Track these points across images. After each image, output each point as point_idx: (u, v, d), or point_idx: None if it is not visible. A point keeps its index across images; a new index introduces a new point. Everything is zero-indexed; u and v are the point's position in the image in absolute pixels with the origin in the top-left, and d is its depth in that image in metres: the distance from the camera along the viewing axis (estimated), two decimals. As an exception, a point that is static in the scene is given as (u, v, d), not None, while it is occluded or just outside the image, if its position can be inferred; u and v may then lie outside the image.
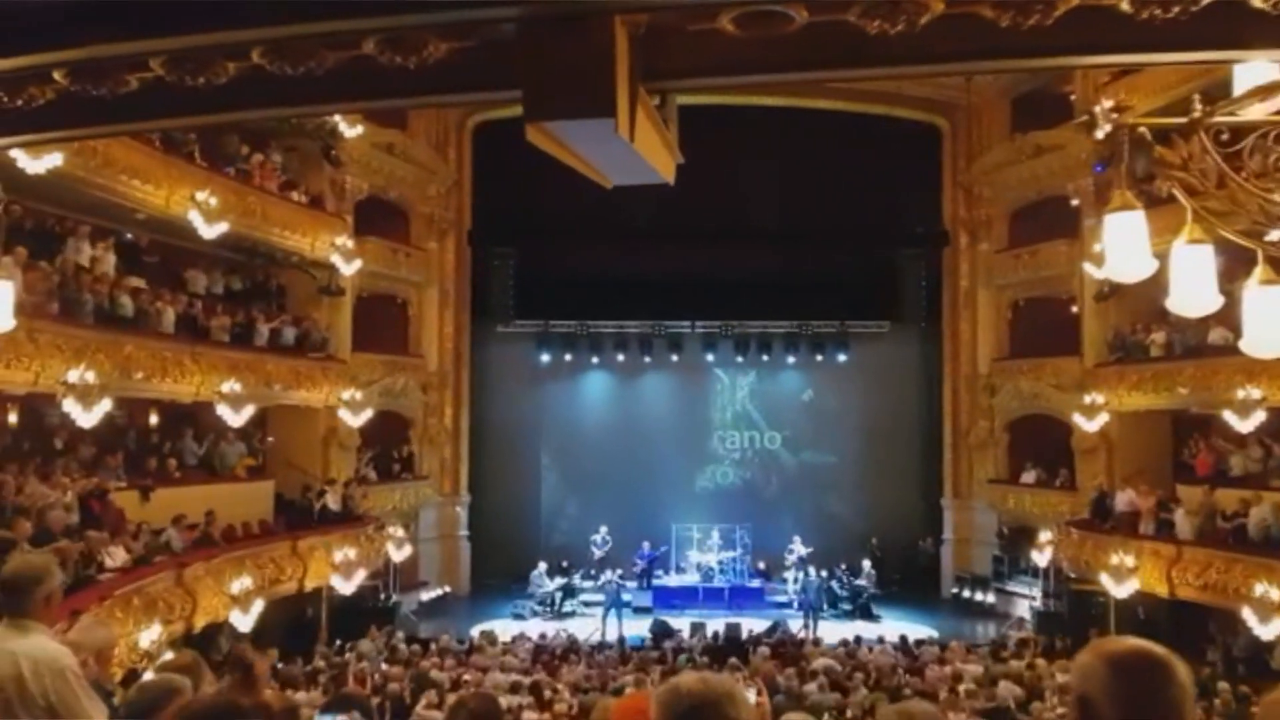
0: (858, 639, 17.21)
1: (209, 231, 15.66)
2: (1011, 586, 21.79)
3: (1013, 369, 22.77)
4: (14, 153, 10.73)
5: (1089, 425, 19.18)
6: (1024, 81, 21.50)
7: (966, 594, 22.62)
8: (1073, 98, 20.15)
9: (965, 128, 23.69)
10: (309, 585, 17.39)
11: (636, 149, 2.88)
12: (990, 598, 22.09)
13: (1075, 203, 20.67)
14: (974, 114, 23.43)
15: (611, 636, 18.74)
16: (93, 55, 2.87)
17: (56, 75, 3.04)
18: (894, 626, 19.47)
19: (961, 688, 12.62)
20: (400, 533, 19.96)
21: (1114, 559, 16.69)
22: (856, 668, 14.09)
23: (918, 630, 19.12)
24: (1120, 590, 16.59)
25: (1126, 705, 2.01)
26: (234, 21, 2.73)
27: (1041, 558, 19.68)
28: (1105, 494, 18.73)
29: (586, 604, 21.50)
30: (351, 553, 17.49)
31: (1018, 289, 22.79)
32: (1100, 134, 14.29)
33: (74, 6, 2.77)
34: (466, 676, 13.02)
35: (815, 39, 2.75)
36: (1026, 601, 20.90)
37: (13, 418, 14.75)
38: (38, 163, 11.74)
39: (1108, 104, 16.92)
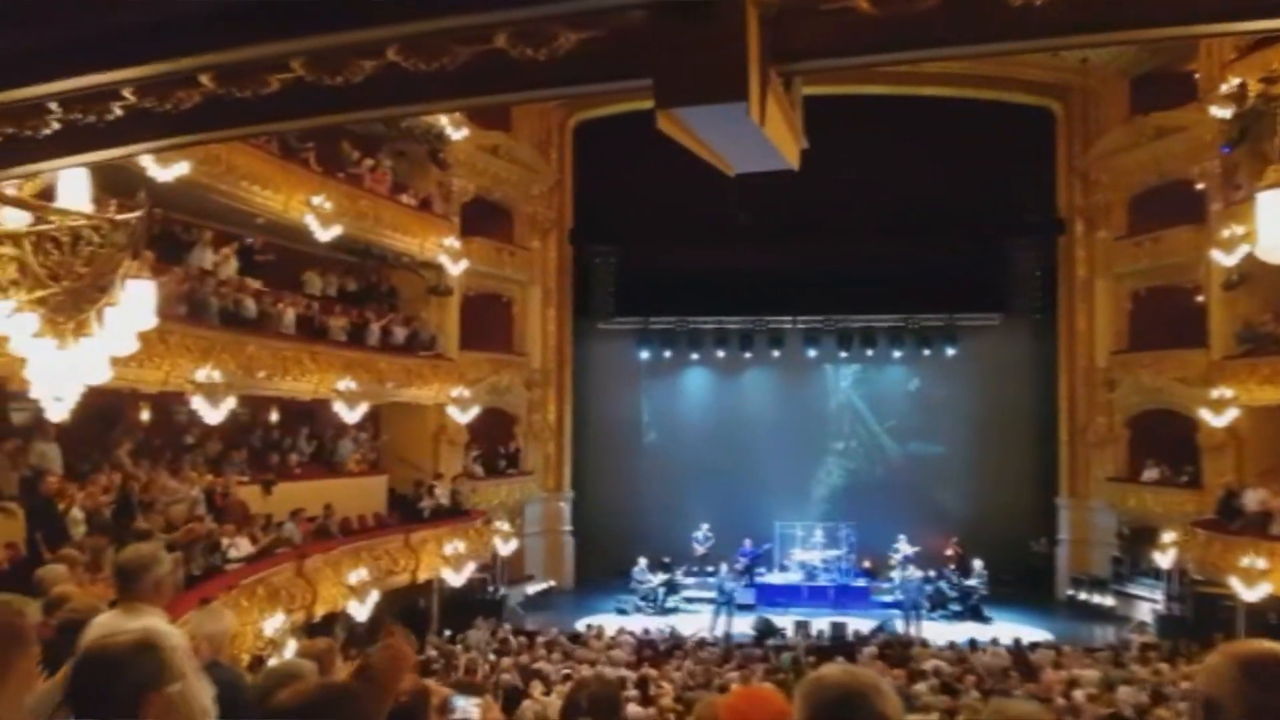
0: (972, 641, 16.72)
1: (324, 234, 16.20)
2: (1131, 589, 20.98)
3: (1133, 362, 21.80)
4: (144, 161, 11.29)
5: (1217, 421, 18.29)
6: (1144, 61, 20.56)
7: (1083, 596, 21.81)
8: (1196, 76, 19.19)
9: (1081, 111, 22.78)
10: (421, 577, 17.88)
11: (766, 133, 2.84)
12: (1109, 600, 21.28)
13: (1200, 186, 19.67)
14: (1090, 96, 22.52)
15: (719, 633, 18.69)
16: (240, 58, 2.98)
17: (203, 79, 3.16)
18: (1006, 629, 18.89)
19: (1078, 693, 12.16)
20: (506, 527, 20.33)
21: (1244, 561, 15.95)
22: (967, 670, 13.73)
23: (1032, 633, 18.51)
24: (1251, 594, 15.81)
25: (1257, 710, 1.93)
26: (372, 20, 2.79)
27: (1164, 559, 18.87)
28: (1234, 493, 17.83)
29: (689, 600, 21.49)
30: (461, 546, 17.90)
31: (1138, 278, 21.82)
32: (1246, 105, 13.48)
33: (222, 9, 2.87)
34: (565, 670, 13.14)
35: (954, 13, 2.66)
36: (1148, 605, 20.10)
37: (145, 415, 15.51)
38: (167, 171, 12.32)
39: (1236, 80, 16.07)
